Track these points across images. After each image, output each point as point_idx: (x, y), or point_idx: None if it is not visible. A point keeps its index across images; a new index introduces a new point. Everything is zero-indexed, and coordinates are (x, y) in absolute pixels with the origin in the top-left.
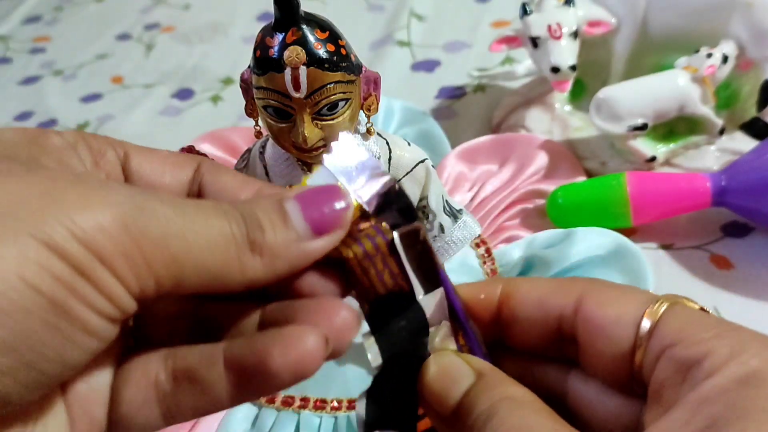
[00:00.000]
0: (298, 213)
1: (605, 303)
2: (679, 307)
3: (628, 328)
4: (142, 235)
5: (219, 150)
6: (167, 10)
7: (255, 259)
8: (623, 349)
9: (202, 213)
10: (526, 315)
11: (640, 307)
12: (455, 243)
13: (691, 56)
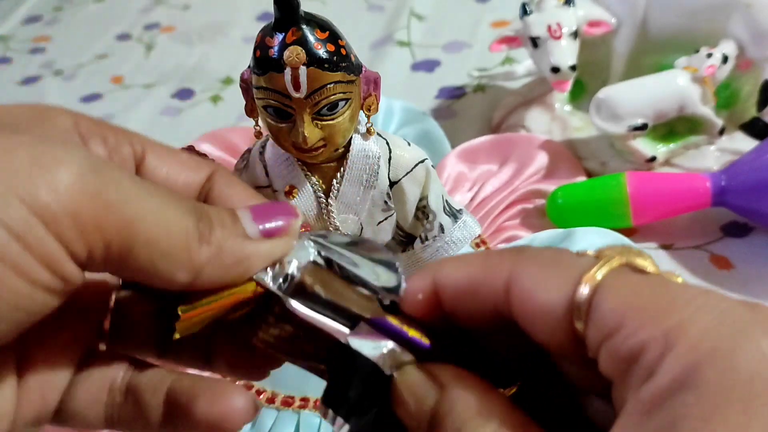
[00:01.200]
0: (248, 217)
1: (534, 282)
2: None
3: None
4: (97, 194)
5: (219, 150)
6: (167, 10)
7: (202, 248)
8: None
9: (160, 192)
10: (461, 307)
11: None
12: (455, 243)
13: (691, 56)
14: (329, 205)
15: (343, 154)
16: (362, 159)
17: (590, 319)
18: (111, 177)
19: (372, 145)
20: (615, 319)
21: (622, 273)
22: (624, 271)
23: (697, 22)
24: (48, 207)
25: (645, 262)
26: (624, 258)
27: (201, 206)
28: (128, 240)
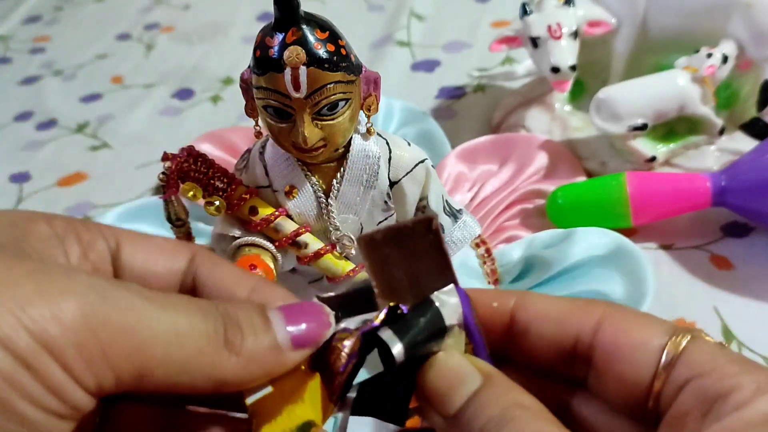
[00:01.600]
0: (281, 322)
1: (627, 329)
2: (701, 341)
3: (651, 355)
4: (103, 324)
5: (219, 150)
6: (167, 10)
7: (231, 358)
8: (643, 377)
9: (172, 304)
10: (540, 330)
11: (663, 337)
12: (455, 243)
13: (691, 56)
14: (329, 205)
15: (343, 154)
16: (362, 159)
17: (677, 364)
18: (117, 301)
19: (372, 145)
20: (706, 367)
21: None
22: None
23: (697, 22)
24: (54, 339)
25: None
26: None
27: (227, 309)
28: (141, 365)
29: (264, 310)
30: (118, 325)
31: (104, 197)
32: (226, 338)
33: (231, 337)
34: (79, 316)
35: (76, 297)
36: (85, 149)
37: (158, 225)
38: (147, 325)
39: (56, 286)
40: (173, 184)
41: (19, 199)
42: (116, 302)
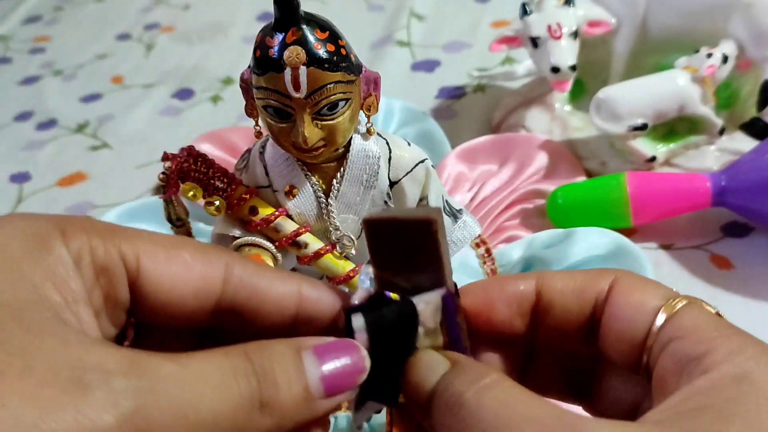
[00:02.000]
0: (316, 369)
1: (630, 291)
2: (696, 307)
3: (645, 315)
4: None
5: (219, 150)
6: (167, 10)
7: (264, 418)
8: (638, 335)
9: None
10: (563, 303)
11: (661, 300)
12: (455, 243)
13: (691, 56)
14: (329, 205)
15: (343, 154)
16: (362, 159)
17: (667, 325)
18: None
19: (372, 145)
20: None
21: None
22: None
23: (697, 22)
24: None
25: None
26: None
27: (261, 359)
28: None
29: (299, 354)
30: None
31: (104, 197)
32: (260, 400)
33: (266, 398)
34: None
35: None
36: (85, 149)
37: (158, 225)
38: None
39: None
40: (173, 184)
41: (19, 199)
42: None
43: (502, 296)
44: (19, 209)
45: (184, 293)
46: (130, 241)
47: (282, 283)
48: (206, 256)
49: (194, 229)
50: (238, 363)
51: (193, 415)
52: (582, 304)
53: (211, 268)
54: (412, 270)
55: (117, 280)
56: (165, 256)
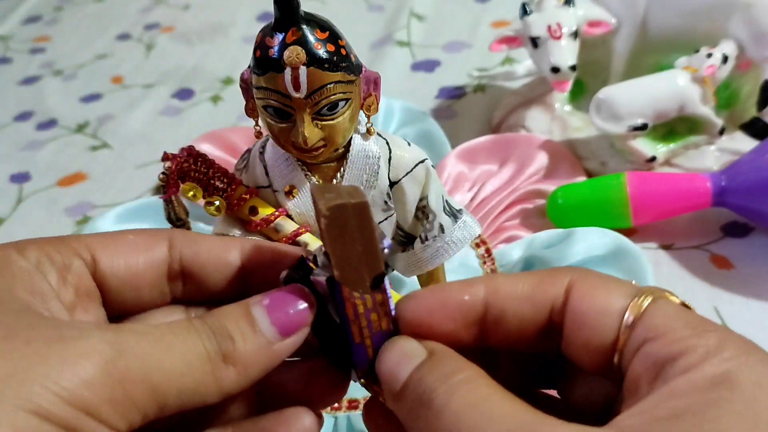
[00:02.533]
0: (265, 318)
1: (591, 294)
2: (663, 302)
3: (613, 319)
4: (124, 375)
5: (219, 150)
6: (167, 10)
7: (229, 370)
8: (606, 340)
9: (176, 336)
10: (515, 311)
11: (625, 300)
12: (455, 243)
13: (691, 56)
14: None
15: (343, 154)
16: (362, 159)
17: (636, 327)
18: (130, 349)
19: (372, 145)
20: (659, 329)
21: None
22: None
23: (697, 22)
24: (89, 401)
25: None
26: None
27: (215, 321)
28: (161, 400)
29: (248, 309)
30: (136, 373)
31: (104, 197)
32: (222, 354)
33: (225, 350)
34: (104, 374)
35: (96, 356)
36: (85, 149)
37: (158, 225)
38: (160, 366)
39: (75, 350)
40: (173, 184)
41: (19, 199)
42: (129, 351)
43: (444, 310)
44: (19, 209)
45: (137, 266)
46: (80, 240)
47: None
48: (148, 233)
49: (194, 229)
50: (197, 325)
51: (166, 364)
52: (536, 310)
53: (154, 239)
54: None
55: (80, 273)
56: (112, 242)
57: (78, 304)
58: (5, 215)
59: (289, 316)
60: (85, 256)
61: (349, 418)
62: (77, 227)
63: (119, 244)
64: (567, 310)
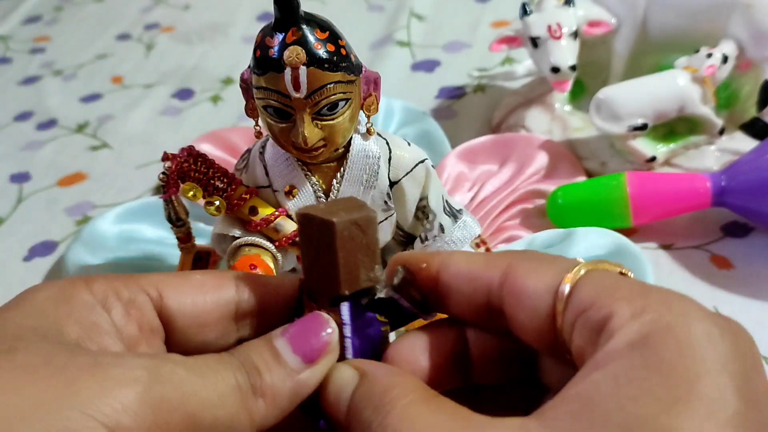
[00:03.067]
0: (287, 348)
1: (526, 274)
2: (596, 272)
3: (546, 296)
4: (161, 403)
5: (219, 150)
6: (167, 10)
7: (258, 402)
8: (543, 318)
9: (209, 368)
10: (457, 288)
11: (558, 275)
12: (455, 243)
13: (691, 56)
14: None
15: (343, 154)
16: (362, 159)
17: (570, 300)
18: (168, 378)
19: (372, 145)
20: (591, 299)
21: (598, 271)
22: (600, 270)
23: (697, 22)
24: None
25: (616, 267)
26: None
27: (243, 354)
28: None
29: (270, 342)
30: (173, 401)
31: (104, 197)
32: (251, 386)
33: (254, 384)
34: (142, 401)
35: (133, 385)
36: (85, 149)
37: (158, 225)
38: (195, 395)
39: (114, 377)
40: (173, 184)
41: (19, 199)
42: (166, 378)
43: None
44: (19, 209)
45: (205, 305)
46: (148, 278)
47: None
48: (215, 273)
49: (194, 229)
50: (227, 358)
51: (202, 393)
52: (474, 290)
53: (222, 280)
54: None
55: (144, 309)
56: (180, 280)
57: (141, 340)
58: (5, 215)
59: (311, 343)
60: (152, 293)
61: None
62: (77, 227)
63: (187, 283)
64: (504, 293)
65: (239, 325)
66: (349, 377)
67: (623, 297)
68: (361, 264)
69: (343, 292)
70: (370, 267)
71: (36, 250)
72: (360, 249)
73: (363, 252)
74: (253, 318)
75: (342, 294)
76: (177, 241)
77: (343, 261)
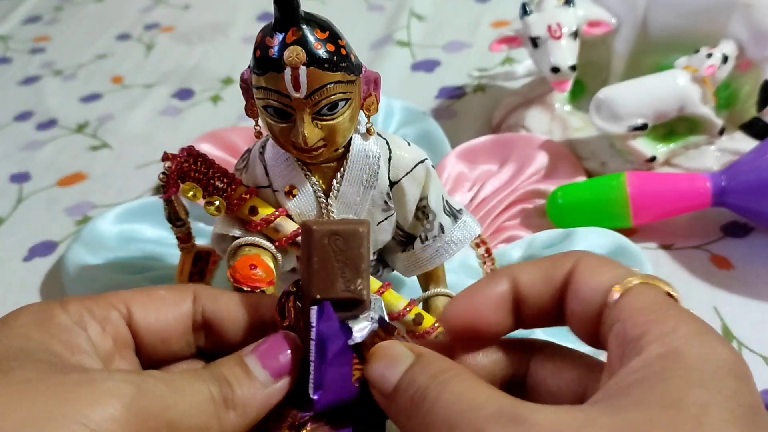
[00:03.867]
0: (257, 365)
1: (589, 272)
2: (646, 287)
3: (599, 294)
4: (145, 414)
5: (219, 150)
6: (167, 10)
7: (229, 413)
8: (592, 313)
9: (186, 382)
10: (535, 294)
11: (615, 279)
12: (455, 243)
13: (691, 56)
14: (329, 205)
15: (343, 154)
16: (362, 159)
17: (616, 305)
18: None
19: (372, 145)
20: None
21: (650, 286)
22: (652, 286)
23: (697, 22)
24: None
25: (666, 286)
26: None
27: (215, 370)
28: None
29: (241, 359)
30: (155, 411)
31: (104, 197)
32: (224, 399)
33: (226, 396)
34: (127, 412)
35: (120, 397)
36: (85, 149)
37: (158, 225)
38: (174, 407)
39: (103, 391)
40: (173, 184)
41: (19, 199)
42: (149, 392)
43: (488, 302)
44: (19, 209)
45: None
46: (117, 296)
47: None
48: (177, 288)
49: (194, 229)
50: (203, 373)
51: (180, 405)
52: (552, 288)
53: (182, 294)
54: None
55: (118, 324)
56: (145, 297)
57: (116, 352)
58: (5, 215)
59: (279, 360)
60: (122, 309)
61: None
62: (77, 227)
63: (150, 299)
64: (569, 286)
65: (197, 336)
66: (404, 355)
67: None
68: (341, 274)
69: (315, 295)
70: (352, 280)
71: (36, 250)
72: (340, 259)
73: (344, 263)
74: (210, 330)
75: (314, 297)
76: (177, 241)
77: (317, 266)
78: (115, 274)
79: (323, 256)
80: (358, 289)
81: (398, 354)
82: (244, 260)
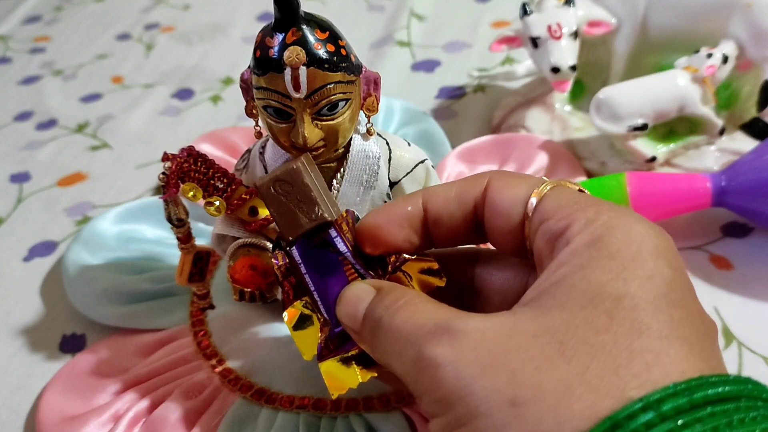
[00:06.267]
0: None
1: (503, 187)
2: (560, 188)
3: (518, 206)
4: None
5: (219, 150)
6: (167, 10)
7: None
8: (514, 225)
9: None
10: (448, 212)
11: (530, 189)
12: None
13: (691, 56)
14: None
15: (343, 154)
16: (362, 159)
17: (537, 209)
18: None
19: (372, 146)
20: (553, 209)
21: (563, 187)
22: (562, 186)
23: (697, 22)
24: None
25: (575, 186)
26: (561, 181)
27: None
28: None
29: None
30: None
31: (104, 197)
32: None
33: None
34: None
35: None
36: (85, 149)
37: (158, 225)
38: None
39: None
40: (173, 184)
41: (19, 199)
42: None
43: (393, 219)
44: (19, 209)
45: None
46: None
47: None
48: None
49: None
50: None
51: None
52: (464, 208)
53: None
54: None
55: None
56: None
57: None
58: (5, 215)
59: None
60: None
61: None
62: (77, 227)
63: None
64: (485, 204)
65: None
66: (366, 291)
67: (580, 209)
68: (299, 210)
69: (287, 238)
70: (310, 210)
71: (36, 250)
72: (292, 199)
73: (297, 199)
74: None
75: (288, 239)
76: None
77: (277, 213)
78: (115, 274)
79: (277, 202)
80: (318, 215)
81: (360, 293)
82: (244, 261)
